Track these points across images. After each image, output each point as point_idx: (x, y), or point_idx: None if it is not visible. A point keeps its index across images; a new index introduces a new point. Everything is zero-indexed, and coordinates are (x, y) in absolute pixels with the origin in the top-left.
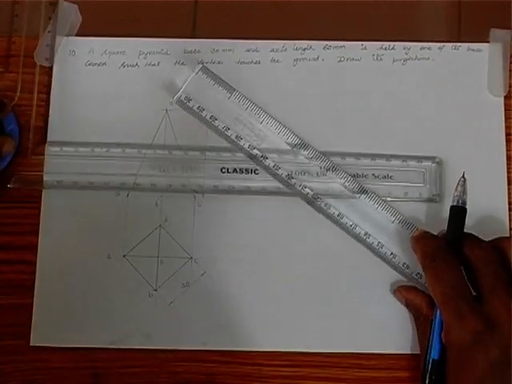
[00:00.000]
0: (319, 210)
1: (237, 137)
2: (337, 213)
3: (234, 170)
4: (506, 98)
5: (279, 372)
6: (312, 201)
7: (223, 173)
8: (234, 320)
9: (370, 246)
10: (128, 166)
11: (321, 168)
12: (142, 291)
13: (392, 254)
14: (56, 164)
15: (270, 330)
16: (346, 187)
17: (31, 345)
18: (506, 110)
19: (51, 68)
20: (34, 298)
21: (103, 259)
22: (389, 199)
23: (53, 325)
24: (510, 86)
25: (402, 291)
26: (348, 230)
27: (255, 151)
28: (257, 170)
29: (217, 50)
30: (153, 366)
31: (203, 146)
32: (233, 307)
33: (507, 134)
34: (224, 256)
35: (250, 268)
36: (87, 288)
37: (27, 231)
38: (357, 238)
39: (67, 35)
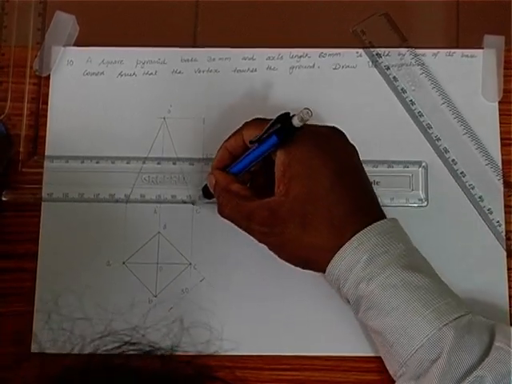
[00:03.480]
0: None
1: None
2: None
3: None
4: (500, 103)
5: (279, 376)
6: None
7: None
8: (233, 325)
9: None
10: (119, 179)
11: None
12: (142, 297)
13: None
14: (48, 177)
15: (270, 335)
16: None
17: (32, 352)
18: (500, 115)
19: (41, 78)
20: (35, 306)
21: (103, 266)
22: None
23: (53, 332)
24: (504, 92)
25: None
26: None
27: None
28: None
29: (213, 59)
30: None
31: (199, 159)
32: (232, 312)
33: (503, 139)
34: (223, 262)
35: (249, 273)
36: (87, 295)
37: (27, 239)
38: None
39: (65, 45)
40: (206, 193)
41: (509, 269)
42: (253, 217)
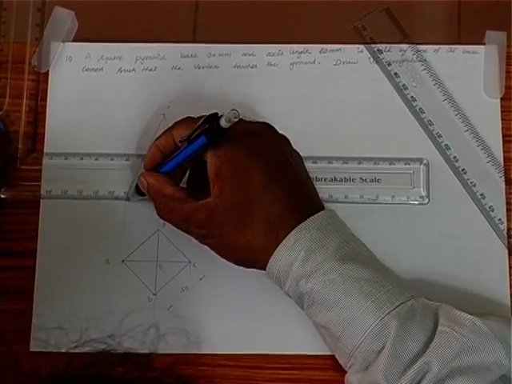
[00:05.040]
0: None
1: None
2: None
3: None
4: (502, 99)
5: (279, 375)
6: None
7: None
8: (233, 323)
9: None
10: (119, 177)
11: None
12: (142, 295)
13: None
14: (47, 174)
15: (269, 333)
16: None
17: (31, 350)
18: (502, 111)
19: (40, 74)
20: (34, 304)
21: (102, 264)
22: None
23: (52, 330)
24: (506, 88)
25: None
26: None
27: None
28: None
29: (213, 55)
30: (156, 371)
31: None
32: (231, 311)
33: (505, 136)
34: (222, 260)
35: (248, 271)
36: (86, 293)
37: (26, 237)
38: None
39: (64, 41)
40: (139, 190)
41: (510, 267)
42: (190, 219)
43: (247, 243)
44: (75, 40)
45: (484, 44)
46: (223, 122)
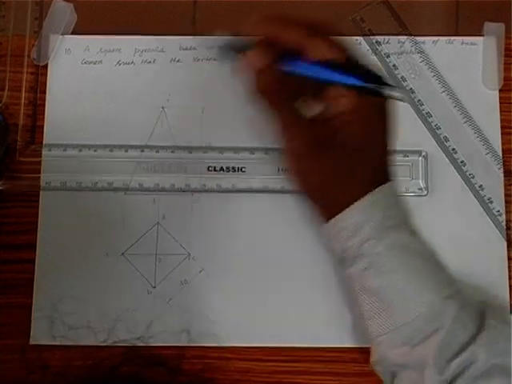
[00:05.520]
0: None
1: None
2: None
3: (221, 169)
4: (500, 91)
5: (279, 367)
6: None
7: (210, 171)
8: (233, 316)
9: None
10: (115, 168)
11: None
12: (141, 289)
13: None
14: (46, 166)
15: (269, 325)
16: None
17: (31, 343)
18: (501, 103)
19: (39, 67)
20: (33, 297)
21: (101, 257)
22: None
23: (52, 323)
24: (504, 80)
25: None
26: None
27: None
28: (244, 168)
29: (212, 47)
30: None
31: (191, 146)
32: (231, 303)
33: (503, 127)
34: (222, 253)
35: (248, 264)
36: (86, 286)
37: (26, 230)
38: None
39: (63, 34)
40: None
41: (509, 258)
42: (299, 128)
43: (345, 173)
44: (74, 33)
45: (482, 35)
46: (390, 93)
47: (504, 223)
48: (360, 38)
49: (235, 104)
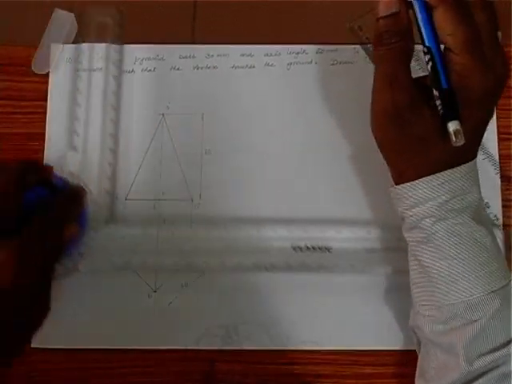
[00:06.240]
0: None
1: None
2: None
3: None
4: None
5: (279, 371)
6: None
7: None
8: (233, 319)
9: None
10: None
11: None
12: (142, 292)
13: None
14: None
15: (269, 329)
16: None
17: (32, 346)
18: (498, 109)
19: (41, 75)
20: None
21: None
22: None
23: (53, 326)
24: None
25: None
26: None
27: None
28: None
29: (212, 55)
30: (153, 366)
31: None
32: (231, 307)
33: (501, 133)
34: (221, 256)
35: (248, 267)
36: (88, 291)
37: None
38: None
39: (64, 43)
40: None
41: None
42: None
43: (421, 146)
44: (75, 42)
45: None
46: None
47: (501, 228)
48: (357, 47)
49: (234, 111)
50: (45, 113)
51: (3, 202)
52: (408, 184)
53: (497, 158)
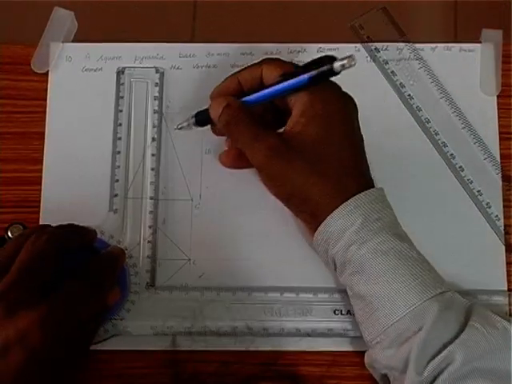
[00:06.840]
0: None
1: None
2: None
3: (348, 312)
4: (498, 97)
5: (280, 372)
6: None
7: (336, 314)
8: (232, 321)
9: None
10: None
11: None
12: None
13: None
14: None
15: (269, 329)
16: None
17: None
18: (499, 108)
19: (41, 74)
20: None
21: None
22: None
23: None
24: (502, 86)
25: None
26: None
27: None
28: None
29: (212, 54)
30: (154, 367)
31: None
32: (232, 308)
33: (501, 133)
34: (222, 257)
35: (248, 268)
36: None
37: None
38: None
39: (63, 42)
40: (201, 120)
41: (507, 263)
42: (261, 138)
43: (313, 184)
44: (74, 40)
45: (480, 42)
46: (338, 67)
47: (502, 228)
48: (359, 45)
49: None
50: (44, 112)
51: (41, 264)
52: (323, 224)
53: (498, 157)
